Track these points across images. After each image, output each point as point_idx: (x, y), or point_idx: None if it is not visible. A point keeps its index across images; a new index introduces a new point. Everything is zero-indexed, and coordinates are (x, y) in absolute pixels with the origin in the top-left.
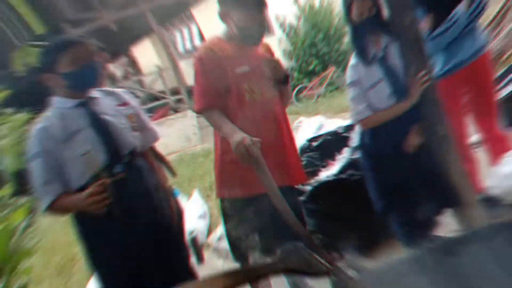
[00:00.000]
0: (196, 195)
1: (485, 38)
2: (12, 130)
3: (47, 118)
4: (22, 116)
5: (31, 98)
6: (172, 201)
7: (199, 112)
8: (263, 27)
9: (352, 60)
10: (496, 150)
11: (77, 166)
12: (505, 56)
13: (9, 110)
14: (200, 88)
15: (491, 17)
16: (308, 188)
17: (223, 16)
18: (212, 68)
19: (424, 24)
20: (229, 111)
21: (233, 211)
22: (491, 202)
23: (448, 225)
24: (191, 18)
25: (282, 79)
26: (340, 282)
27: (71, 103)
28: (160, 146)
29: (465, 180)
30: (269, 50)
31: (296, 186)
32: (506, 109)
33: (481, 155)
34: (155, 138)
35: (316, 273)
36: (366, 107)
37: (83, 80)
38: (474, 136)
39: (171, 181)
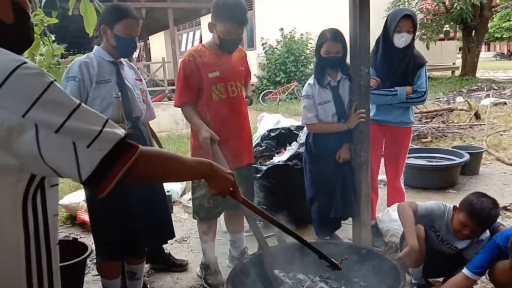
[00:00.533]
0: None
1: (412, 119)
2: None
3: (90, 58)
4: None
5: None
6: None
7: (177, 107)
8: (239, 40)
9: (311, 80)
10: (392, 197)
11: (101, 106)
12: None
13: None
14: (179, 87)
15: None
16: (263, 168)
17: (210, 26)
18: (191, 71)
19: (371, 81)
20: (199, 107)
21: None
22: (377, 232)
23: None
24: (198, 24)
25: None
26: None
27: (108, 58)
28: (153, 124)
29: (368, 203)
30: (244, 58)
31: (253, 165)
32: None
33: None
34: (153, 116)
35: None
36: (314, 116)
37: (126, 48)
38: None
39: None
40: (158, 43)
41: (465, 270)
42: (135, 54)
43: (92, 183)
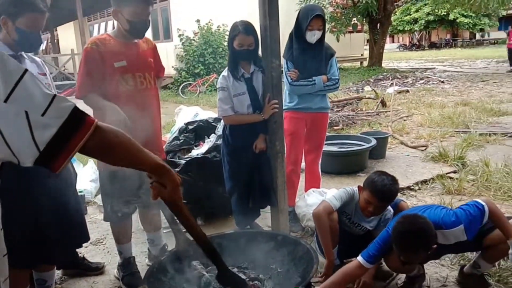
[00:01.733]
0: (91, 163)
1: (329, 105)
2: None
3: None
4: None
5: None
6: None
7: (79, 98)
8: (148, 22)
9: (225, 72)
10: (309, 182)
11: None
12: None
13: None
14: (80, 77)
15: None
16: (182, 162)
17: (115, 13)
18: (94, 59)
19: (291, 74)
20: (107, 99)
21: (108, 181)
22: (294, 217)
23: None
24: (110, 14)
25: None
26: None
27: (7, 51)
28: None
29: (284, 191)
30: (153, 50)
31: (171, 160)
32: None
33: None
34: None
35: None
36: (230, 108)
37: (29, 43)
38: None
39: None
40: (67, 35)
41: (359, 258)
42: (42, 46)
43: (47, 157)
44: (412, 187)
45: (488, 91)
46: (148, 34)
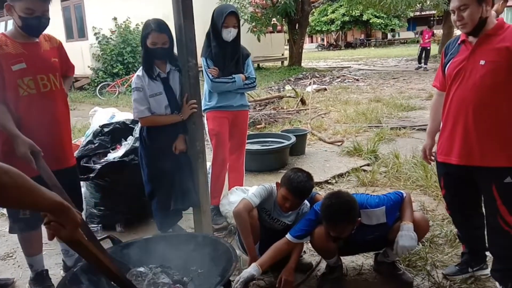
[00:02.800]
0: None
1: (248, 104)
2: None
3: None
4: None
5: None
6: None
7: None
8: (45, 19)
9: (139, 72)
10: (233, 180)
11: None
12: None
13: None
14: None
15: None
16: (97, 166)
17: (8, 8)
18: None
19: (211, 71)
20: (9, 106)
21: None
22: (218, 212)
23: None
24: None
25: None
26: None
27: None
28: None
29: (206, 192)
30: (58, 49)
31: (85, 165)
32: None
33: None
34: None
35: None
36: (146, 108)
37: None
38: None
39: None
40: None
41: (287, 235)
42: None
43: None
44: (330, 181)
45: (399, 88)
46: (61, 32)
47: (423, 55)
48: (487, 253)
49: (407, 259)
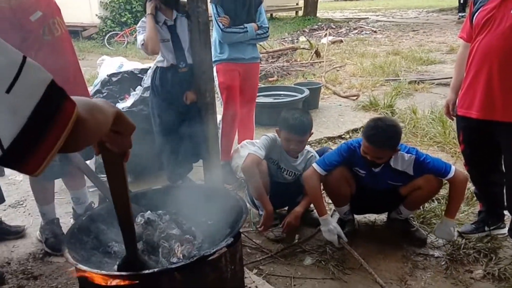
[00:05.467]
0: None
1: (260, 55)
2: None
3: None
4: None
5: None
6: None
7: None
8: None
9: (144, 18)
10: (243, 134)
11: None
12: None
13: None
14: None
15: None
16: None
17: None
18: (4, 20)
19: (222, 20)
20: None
21: None
22: (230, 170)
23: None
24: None
25: None
26: None
27: None
28: None
29: (216, 144)
30: None
31: None
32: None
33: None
34: None
35: None
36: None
37: None
38: None
39: None
40: None
41: (315, 166)
42: None
43: (16, 155)
44: (344, 136)
45: (418, 41)
46: None
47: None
48: (505, 212)
49: (422, 216)
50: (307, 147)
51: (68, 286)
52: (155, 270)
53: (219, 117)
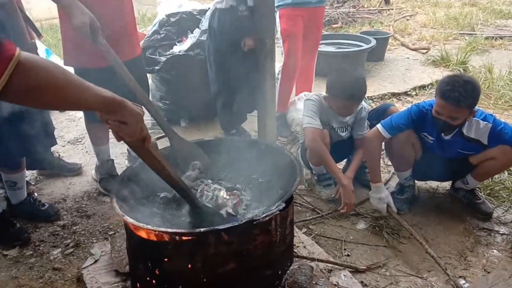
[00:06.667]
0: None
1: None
2: None
3: None
4: None
5: None
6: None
7: None
8: None
9: None
10: (302, 84)
11: None
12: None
13: None
14: None
15: None
16: (162, 59)
17: None
18: None
19: None
20: None
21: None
22: (285, 122)
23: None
24: None
25: None
26: None
27: None
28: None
29: (273, 95)
30: None
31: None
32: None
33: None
34: None
35: None
36: None
37: None
38: None
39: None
40: None
41: (378, 125)
42: None
43: None
44: (409, 92)
45: None
46: None
47: None
48: None
49: (489, 187)
50: None
51: (120, 228)
52: (201, 230)
53: (277, 65)
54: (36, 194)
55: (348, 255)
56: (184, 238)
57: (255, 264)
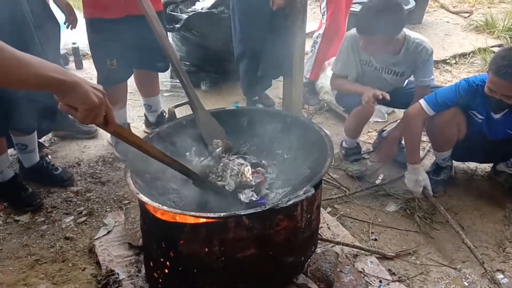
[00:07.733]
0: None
1: None
2: None
3: None
4: None
5: None
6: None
7: None
8: None
9: None
10: (333, 48)
11: None
12: None
13: None
14: None
15: None
16: (184, 16)
17: None
18: None
19: None
20: None
21: (97, 31)
22: (312, 90)
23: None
24: None
25: None
26: None
27: None
28: None
29: (301, 61)
30: None
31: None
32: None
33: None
34: None
35: None
36: None
37: None
38: None
39: None
40: None
41: (422, 101)
42: None
43: None
44: (448, 61)
45: None
46: None
47: None
48: None
49: None
50: (411, 33)
51: (135, 198)
52: (221, 214)
53: (310, 28)
54: (49, 157)
55: (375, 239)
56: (202, 221)
57: (276, 251)
